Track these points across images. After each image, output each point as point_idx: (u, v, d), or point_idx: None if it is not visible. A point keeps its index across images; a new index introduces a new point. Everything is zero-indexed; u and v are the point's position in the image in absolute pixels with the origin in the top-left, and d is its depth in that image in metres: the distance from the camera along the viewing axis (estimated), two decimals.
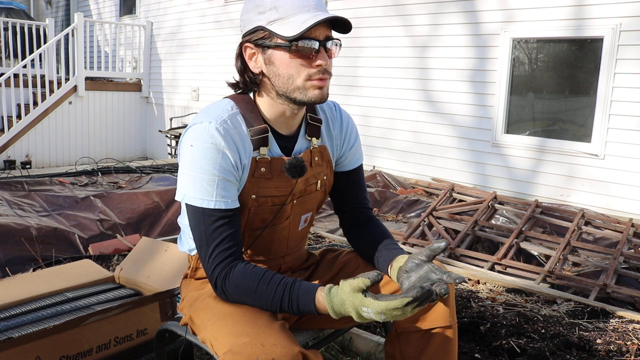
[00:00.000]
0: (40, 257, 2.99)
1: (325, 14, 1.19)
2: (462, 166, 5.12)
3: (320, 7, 1.22)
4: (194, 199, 1.21)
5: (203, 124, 1.21)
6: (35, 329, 1.76)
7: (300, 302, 1.15)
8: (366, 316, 1.07)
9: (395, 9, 5.51)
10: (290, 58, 1.21)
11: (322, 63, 1.21)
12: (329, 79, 1.26)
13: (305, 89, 1.23)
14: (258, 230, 1.34)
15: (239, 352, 1.07)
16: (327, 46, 1.22)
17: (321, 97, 1.24)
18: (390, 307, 1.03)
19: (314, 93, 1.23)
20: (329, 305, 1.11)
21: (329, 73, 1.24)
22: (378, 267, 1.38)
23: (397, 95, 5.56)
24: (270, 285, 1.18)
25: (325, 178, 1.42)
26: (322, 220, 4.20)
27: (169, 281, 2.19)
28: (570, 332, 2.36)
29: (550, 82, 4.62)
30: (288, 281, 1.18)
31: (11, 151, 7.27)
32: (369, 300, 1.05)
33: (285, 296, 1.16)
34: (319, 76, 1.22)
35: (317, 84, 1.22)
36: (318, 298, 1.14)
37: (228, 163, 1.21)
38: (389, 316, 1.05)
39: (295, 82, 1.22)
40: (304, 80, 1.22)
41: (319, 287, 1.15)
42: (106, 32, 9.01)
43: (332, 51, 1.24)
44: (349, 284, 1.08)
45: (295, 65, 1.21)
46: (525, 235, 3.49)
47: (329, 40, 1.22)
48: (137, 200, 3.88)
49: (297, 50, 1.19)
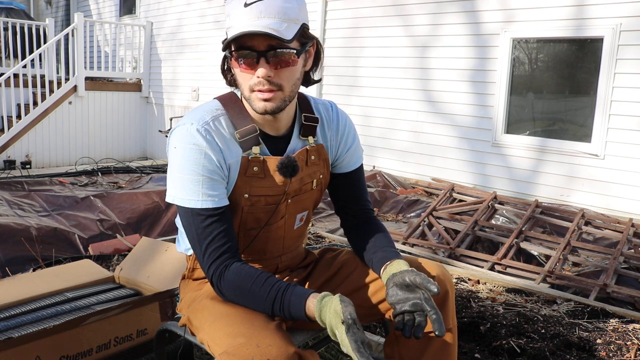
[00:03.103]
0: (40, 257, 2.99)
1: (257, 25, 1.13)
2: (462, 166, 5.12)
3: (267, 14, 1.14)
4: (181, 200, 1.22)
5: (185, 126, 1.23)
6: (35, 329, 1.76)
7: (292, 307, 1.15)
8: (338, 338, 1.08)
9: (395, 9, 5.51)
10: (235, 67, 1.22)
11: (260, 74, 1.17)
12: (281, 92, 1.21)
13: (252, 100, 1.22)
14: (253, 230, 1.34)
15: (234, 353, 1.07)
16: (269, 56, 1.17)
17: (264, 109, 1.21)
18: (347, 349, 1.05)
19: (258, 105, 1.22)
20: (317, 313, 1.11)
21: (276, 85, 1.19)
22: (372, 267, 1.37)
23: (397, 95, 5.56)
24: (264, 287, 1.18)
25: (322, 177, 1.42)
26: (322, 220, 4.20)
27: (169, 281, 2.19)
28: (570, 332, 2.36)
29: (550, 82, 4.62)
30: (282, 285, 1.18)
31: (11, 151, 7.26)
32: (341, 328, 1.05)
33: (277, 300, 1.16)
34: (259, 87, 1.19)
35: (260, 95, 1.20)
36: (309, 305, 1.14)
37: (212, 163, 1.22)
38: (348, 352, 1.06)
39: (244, 92, 1.23)
40: (249, 91, 1.22)
41: (311, 294, 1.15)
42: (106, 32, 9.00)
43: (282, 60, 1.18)
44: (334, 306, 1.08)
45: (240, 74, 1.22)
46: (525, 235, 3.49)
47: (273, 49, 1.17)
48: (137, 200, 3.88)
49: (238, 59, 1.19)
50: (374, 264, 1.35)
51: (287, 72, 1.20)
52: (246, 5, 1.15)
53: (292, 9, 1.18)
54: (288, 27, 1.16)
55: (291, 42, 1.17)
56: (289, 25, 1.16)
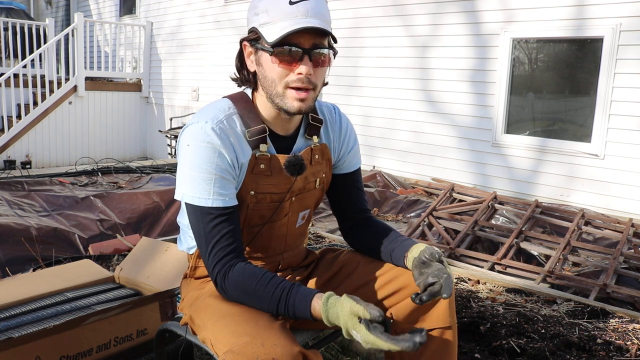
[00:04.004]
0: (40, 257, 2.99)
1: (310, 22, 1.16)
2: (462, 166, 5.12)
3: (312, 14, 1.18)
4: (191, 198, 1.22)
5: (199, 124, 1.23)
6: (35, 329, 1.76)
7: (297, 307, 1.16)
8: (354, 337, 1.09)
9: (395, 9, 5.51)
10: (273, 62, 1.21)
11: (303, 71, 1.19)
12: (314, 91, 1.23)
13: (285, 97, 1.22)
14: (256, 226, 1.34)
15: (239, 352, 1.07)
16: (313, 54, 1.20)
17: (299, 109, 1.22)
18: (377, 344, 1.05)
19: (292, 104, 1.22)
20: (324, 314, 1.12)
21: (311, 83, 1.21)
22: (392, 260, 1.37)
23: (397, 95, 5.56)
24: (269, 287, 1.18)
25: (324, 176, 1.43)
26: (322, 220, 4.20)
27: (169, 281, 2.19)
28: (570, 332, 2.36)
29: (550, 82, 4.62)
30: (286, 285, 1.18)
31: (11, 151, 7.26)
32: (361, 327, 1.06)
33: (282, 300, 1.17)
34: (298, 85, 1.20)
35: (296, 95, 1.21)
36: (314, 305, 1.14)
37: (225, 162, 1.22)
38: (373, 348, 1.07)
39: (276, 88, 1.23)
40: (284, 88, 1.22)
41: (316, 294, 1.16)
42: (106, 32, 9.00)
43: (321, 60, 1.22)
44: (349, 306, 1.09)
45: (277, 70, 1.21)
46: (525, 235, 3.49)
47: (317, 48, 1.20)
48: (137, 200, 3.88)
49: (279, 55, 1.19)
50: (393, 257, 1.37)
51: (322, 72, 1.24)
52: (291, 3, 1.17)
53: (327, 10, 1.24)
54: (328, 28, 1.21)
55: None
56: (327, 26, 1.21)
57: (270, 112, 1.29)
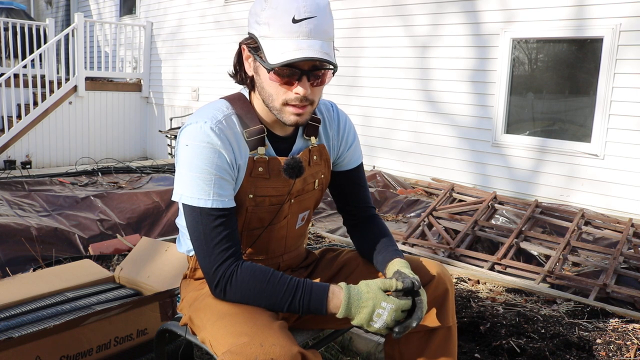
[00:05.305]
0: (40, 257, 2.99)
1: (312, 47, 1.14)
2: (462, 166, 5.12)
3: (315, 34, 1.15)
4: (190, 199, 1.21)
5: (198, 124, 1.22)
6: (35, 329, 1.76)
7: (313, 295, 1.17)
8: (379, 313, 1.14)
9: (395, 9, 5.51)
10: (271, 79, 1.20)
11: (300, 92, 1.18)
12: (311, 106, 1.23)
13: (282, 112, 1.23)
14: (256, 230, 1.34)
15: (238, 352, 1.07)
16: (312, 75, 1.19)
17: (296, 122, 1.23)
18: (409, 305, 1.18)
19: (289, 118, 1.23)
20: (345, 294, 1.15)
21: (309, 100, 1.21)
22: (376, 266, 1.40)
23: (398, 95, 5.56)
24: (281, 282, 1.19)
25: (323, 177, 1.43)
26: (322, 220, 4.20)
27: (169, 281, 2.19)
28: (570, 332, 2.36)
29: (550, 82, 4.62)
30: (299, 279, 1.20)
31: (11, 151, 7.27)
32: (391, 297, 1.15)
33: (298, 290, 1.18)
34: (296, 103, 1.20)
35: (294, 110, 1.21)
36: (333, 289, 1.18)
37: (224, 162, 1.22)
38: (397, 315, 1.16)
39: (274, 102, 1.23)
40: (281, 104, 1.22)
41: (331, 285, 1.19)
42: (106, 32, 9.01)
43: (319, 80, 1.21)
44: (380, 281, 1.18)
45: (274, 86, 1.20)
46: (525, 235, 3.49)
47: (316, 69, 1.19)
48: (137, 200, 3.88)
49: (277, 73, 1.18)
50: (377, 263, 1.39)
51: (320, 88, 1.24)
52: (295, 21, 1.14)
53: (331, 25, 1.20)
54: (329, 47, 1.18)
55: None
56: (329, 44, 1.19)
57: (267, 113, 1.29)
